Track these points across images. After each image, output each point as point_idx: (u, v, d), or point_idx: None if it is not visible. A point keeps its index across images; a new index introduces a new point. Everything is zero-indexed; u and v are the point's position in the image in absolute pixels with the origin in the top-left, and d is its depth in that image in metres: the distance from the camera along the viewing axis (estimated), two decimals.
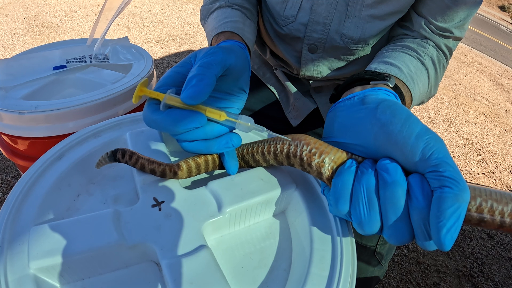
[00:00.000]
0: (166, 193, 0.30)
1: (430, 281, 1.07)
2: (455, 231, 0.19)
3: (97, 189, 0.34)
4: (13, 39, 2.20)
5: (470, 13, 0.44)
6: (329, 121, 0.30)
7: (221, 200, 0.28)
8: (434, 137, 0.22)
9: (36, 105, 0.51)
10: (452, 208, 0.19)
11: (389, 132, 0.23)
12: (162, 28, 2.62)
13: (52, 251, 0.23)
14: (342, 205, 0.24)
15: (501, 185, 1.65)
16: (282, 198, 0.31)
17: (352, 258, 0.27)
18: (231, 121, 0.28)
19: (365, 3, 0.44)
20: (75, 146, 0.35)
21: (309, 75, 0.55)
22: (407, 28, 0.47)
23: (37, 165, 0.32)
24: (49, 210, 0.29)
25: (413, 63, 0.41)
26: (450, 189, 0.20)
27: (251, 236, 0.30)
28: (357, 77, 0.33)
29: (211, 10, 0.49)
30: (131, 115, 0.41)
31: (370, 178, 0.23)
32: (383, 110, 0.24)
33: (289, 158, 0.27)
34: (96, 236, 0.24)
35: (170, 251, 0.25)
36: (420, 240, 0.21)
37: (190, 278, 0.23)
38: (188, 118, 0.27)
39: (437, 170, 0.20)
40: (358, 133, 0.25)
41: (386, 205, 0.22)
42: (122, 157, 0.30)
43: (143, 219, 0.27)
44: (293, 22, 0.50)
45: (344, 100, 0.30)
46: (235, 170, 0.31)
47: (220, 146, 0.29)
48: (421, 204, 0.21)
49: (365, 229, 0.23)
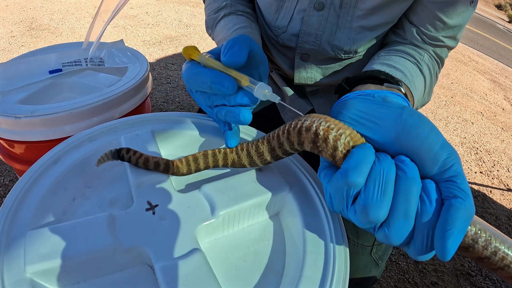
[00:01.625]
0: (160, 196, 0.30)
1: (428, 281, 1.07)
2: (458, 242, 0.19)
3: (93, 193, 0.34)
4: (10, 42, 2.19)
5: (462, 23, 0.44)
6: (341, 108, 0.26)
7: (214, 203, 0.28)
8: (455, 152, 0.22)
9: (32, 109, 0.52)
10: (462, 219, 0.19)
11: (415, 135, 0.22)
12: (159, 29, 2.62)
13: (48, 255, 0.23)
14: (356, 177, 0.21)
15: (498, 184, 1.66)
16: (275, 201, 0.31)
17: (345, 260, 0.27)
18: (251, 86, 0.30)
19: (356, 14, 0.44)
20: (70, 150, 0.36)
21: (303, 82, 0.55)
22: (400, 36, 0.47)
23: (33, 169, 0.32)
24: (45, 214, 0.29)
25: (413, 69, 0.41)
26: (462, 200, 0.20)
27: (245, 238, 0.31)
28: (370, 74, 0.33)
29: (217, 19, 0.50)
30: (126, 119, 0.41)
31: (391, 165, 0.22)
32: (410, 113, 0.23)
33: (300, 134, 0.25)
34: (91, 240, 0.25)
35: (164, 254, 0.25)
36: (416, 246, 0.21)
37: (183, 281, 0.23)
38: (224, 76, 0.30)
39: (455, 181, 0.21)
40: (377, 128, 0.23)
41: (398, 197, 0.21)
42: (126, 153, 0.31)
43: (137, 222, 0.27)
44: (284, 32, 0.50)
45: (360, 93, 0.29)
46: (235, 143, 0.33)
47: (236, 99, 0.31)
48: (432, 208, 0.20)
49: (370, 214, 0.21)
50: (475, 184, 1.61)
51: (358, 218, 0.22)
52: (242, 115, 0.31)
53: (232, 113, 0.32)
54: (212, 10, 0.51)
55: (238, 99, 0.31)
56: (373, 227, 0.22)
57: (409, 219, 0.21)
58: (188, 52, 0.34)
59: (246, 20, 0.48)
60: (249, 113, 0.31)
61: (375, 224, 0.22)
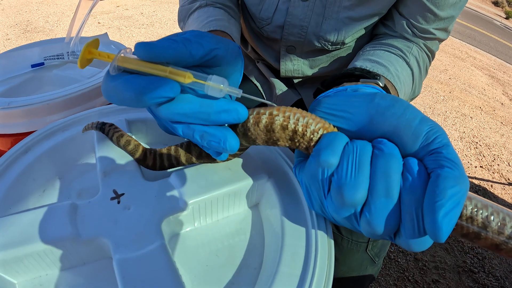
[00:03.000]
0: (127, 185, 0.28)
1: (428, 278, 1.04)
2: (453, 217, 0.16)
3: (64, 184, 0.33)
4: (5, 45, 2.19)
5: (453, 14, 0.42)
6: (314, 106, 0.24)
7: (183, 192, 0.26)
8: (438, 125, 0.20)
9: (9, 101, 0.51)
10: (453, 189, 0.17)
11: (390, 114, 0.20)
12: (154, 30, 2.61)
13: (6, 244, 0.22)
14: (328, 155, 0.19)
15: (499, 178, 1.63)
16: (253, 190, 0.28)
17: (329, 256, 0.24)
18: (199, 83, 0.21)
19: (343, 5, 0.43)
20: (42, 140, 0.34)
21: (289, 75, 0.53)
22: (390, 28, 0.46)
23: (2, 160, 0.31)
24: (12, 205, 0.29)
25: (398, 62, 0.39)
26: (450, 169, 0.17)
27: (220, 232, 0.28)
28: (345, 72, 0.31)
29: (191, 10, 0.47)
30: (100, 108, 0.39)
31: (366, 144, 0.20)
32: (382, 96, 0.21)
33: (274, 132, 0.22)
34: (49, 229, 0.24)
35: (124, 247, 0.23)
36: (407, 231, 0.18)
37: (140, 277, 0.21)
38: (155, 83, 0.20)
39: (440, 152, 0.18)
40: (349, 116, 0.21)
41: (376, 174, 0.18)
42: (109, 126, 0.31)
43: (100, 212, 0.26)
44: (269, 24, 0.48)
45: (334, 91, 0.27)
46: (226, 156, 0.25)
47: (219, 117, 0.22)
48: (416, 183, 0.18)
49: (345, 194, 0.18)
50: (476, 179, 1.58)
51: (334, 202, 0.19)
52: (229, 142, 0.22)
53: (213, 138, 0.22)
54: (187, 0, 0.48)
55: (223, 117, 0.22)
56: (353, 215, 0.20)
57: (391, 198, 0.18)
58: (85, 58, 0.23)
59: (224, 14, 0.44)
60: (236, 139, 0.22)
61: (354, 209, 0.19)
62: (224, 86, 0.21)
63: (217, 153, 0.24)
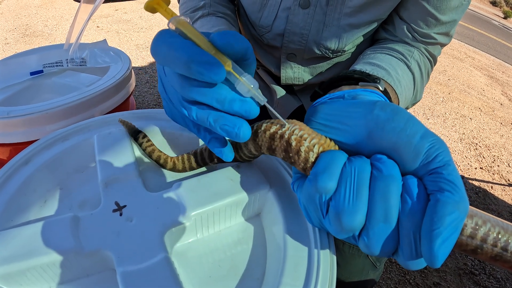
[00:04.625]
0: (129, 196, 0.28)
1: (430, 281, 1.04)
2: (449, 244, 0.16)
3: (65, 194, 0.33)
4: (4, 49, 2.18)
5: (455, 18, 0.41)
6: (309, 115, 0.24)
7: (185, 203, 0.26)
8: (440, 140, 0.19)
9: (9, 111, 0.50)
10: (451, 216, 0.16)
11: (390, 129, 0.19)
12: (152, 33, 2.61)
13: (9, 258, 0.22)
14: (325, 180, 0.19)
15: (499, 179, 1.63)
16: (254, 200, 0.28)
17: (331, 266, 0.24)
18: (233, 75, 0.21)
19: (344, 11, 0.42)
20: (42, 150, 0.34)
21: (290, 82, 0.53)
22: (390, 33, 0.45)
23: (3, 171, 0.31)
24: (13, 216, 0.29)
25: (399, 66, 0.38)
26: (450, 194, 0.17)
27: (222, 242, 0.28)
28: (344, 75, 0.30)
29: (193, 18, 0.47)
30: (100, 117, 0.39)
31: (364, 164, 0.19)
32: (382, 107, 0.20)
33: (273, 139, 0.22)
34: (52, 242, 0.24)
35: (127, 259, 0.23)
36: (404, 253, 0.18)
37: None
38: (207, 61, 0.20)
39: (440, 172, 0.18)
40: (347, 128, 0.21)
41: (375, 198, 0.18)
42: (142, 138, 0.34)
43: (102, 224, 0.26)
44: (269, 32, 0.48)
45: (330, 96, 0.26)
46: (231, 157, 0.25)
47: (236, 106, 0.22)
48: (415, 207, 0.17)
49: (343, 221, 0.18)
50: (476, 180, 1.58)
51: (332, 226, 0.19)
52: (243, 129, 0.22)
53: (227, 122, 0.22)
54: (189, 9, 0.48)
55: (236, 106, 0.22)
56: (352, 236, 0.19)
57: (390, 223, 0.18)
58: (151, 5, 0.23)
59: (226, 23, 0.44)
60: (249, 127, 0.22)
61: (353, 233, 0.19)
62: (253, 87, 0.21)
63: (222, 151, 0.24)
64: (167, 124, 0.38)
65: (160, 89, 0.26)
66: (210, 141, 0.25)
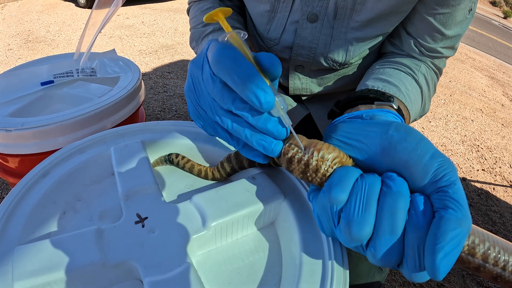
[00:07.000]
0: (149, 208, 0.29)
1: (433, 282, 1.05)
2: (451, 259, 0.18)
3: (83, 206, 0.34)
4: (7, 55, 2.20)
5: (460, 32, 0.43)
6: (329, 131, 0.26)
7: (205, 214, 0.27)
8: (448, 160, 0.20)
9: (23, 122, 0.51)
10: (454, 232, 0.18)
11: (402, 149, 0.21)
12: (155, 38, 2.63)
13: (36, 271, 0.23)
14: (338, 192, 0.21)
15: (501, 180, 1.64)
16: (269, 210, 0.30)
17: (344, 271, 0.26)
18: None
19: (351, 25, 0.43)
20: (60, 162, 0.35)
21: (298, 93, 0.54)
22: (397, 47, 0.46)
23: (22, 183, 0.32)
24: (35, 229, 0.29)
25: (408, 80, 0.40)
26: (454, 211, 0.18)
27: (239, 250, 0.29)
28: (360, 95, 0.32)
29: (204, 33, 0.48)
30: (116, 129, 0.40)
31: (375, 180, 0.21)
32: (396, 128, 0.22)
33: (291, 163, 0.24)
34: (78, 255, 0.24)
35: (153, 269, 0.24)
36: (409, 265, 0.19)
37: None
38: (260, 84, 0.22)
39: (446, 191, 0.19)
40: (363, 146, 0.23)
41: (383, 213, 0.20)
42: (175, 157, 0.35)
43: (126, 236, 0.27)
44: (277, 44, 0.49)
45: (349, 116, 0.28)
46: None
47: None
48: (421, 222, 0.19)
49: (353, 230, 0.20)
50: (478, 182, 1.59)
51: (343, 236, 0.21)
52: (277, 148, 0.24)
53: (263, 137, 0.24)
54: (200, 24, 0.50)
55: (270, 125, 0.23)
56: (361, 246, 0.21)
57: (396, 235, 0.19)
58: (211, 16, 0.25)
59: None
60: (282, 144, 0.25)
61: (361, 243, 0.21)
62: (283, 108, 0.23)
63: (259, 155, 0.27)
64: (183, 134, 0.39)
65: (189, 91, 0.28)
66: (244, 147, 0.27)
